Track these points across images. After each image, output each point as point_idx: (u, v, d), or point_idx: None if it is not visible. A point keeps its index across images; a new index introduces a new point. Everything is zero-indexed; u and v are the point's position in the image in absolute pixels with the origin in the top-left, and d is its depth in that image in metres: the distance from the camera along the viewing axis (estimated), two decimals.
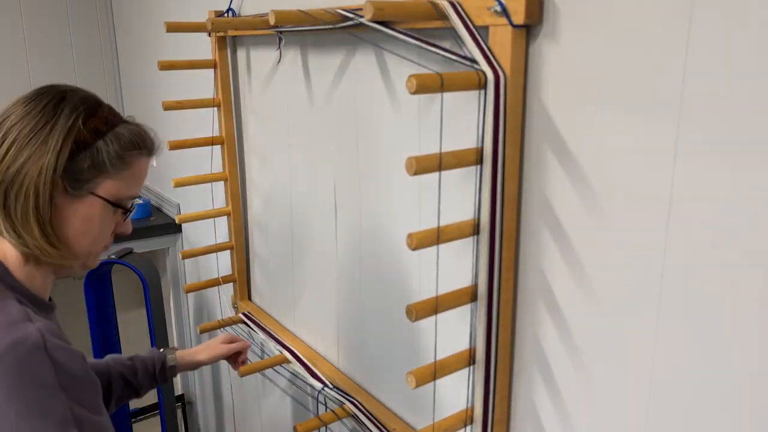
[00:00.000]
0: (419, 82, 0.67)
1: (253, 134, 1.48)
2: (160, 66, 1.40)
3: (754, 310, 0.58)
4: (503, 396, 0.84)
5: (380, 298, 1.11)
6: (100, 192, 0.83)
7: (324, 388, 1.24)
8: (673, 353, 0.65)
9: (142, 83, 2.26)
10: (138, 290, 2.07)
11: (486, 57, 0.73)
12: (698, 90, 0.59)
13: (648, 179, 0.64)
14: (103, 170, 0.83)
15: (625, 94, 0.65)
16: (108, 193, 0.84)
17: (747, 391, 0.60)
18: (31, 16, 2.33)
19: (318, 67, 1.17)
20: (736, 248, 0.58)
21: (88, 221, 0.83)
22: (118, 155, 0.83)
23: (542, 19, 0.72)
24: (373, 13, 0.74)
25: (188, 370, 1.23)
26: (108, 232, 0.87)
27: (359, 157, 1.10)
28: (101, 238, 0.86)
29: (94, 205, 0.83)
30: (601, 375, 0.74)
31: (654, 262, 0.65)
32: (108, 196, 0.84)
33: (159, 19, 1.93)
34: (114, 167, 0.83)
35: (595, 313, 0.73)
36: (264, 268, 1.55)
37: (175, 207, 2.10)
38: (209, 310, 1.98)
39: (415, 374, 0.77)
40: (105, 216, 0.85)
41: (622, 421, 0.72)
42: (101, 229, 0.85)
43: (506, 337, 0.82)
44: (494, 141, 0.72)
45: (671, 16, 0.60)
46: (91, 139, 0.82)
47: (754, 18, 0.54)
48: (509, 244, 0.78)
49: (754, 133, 0.56)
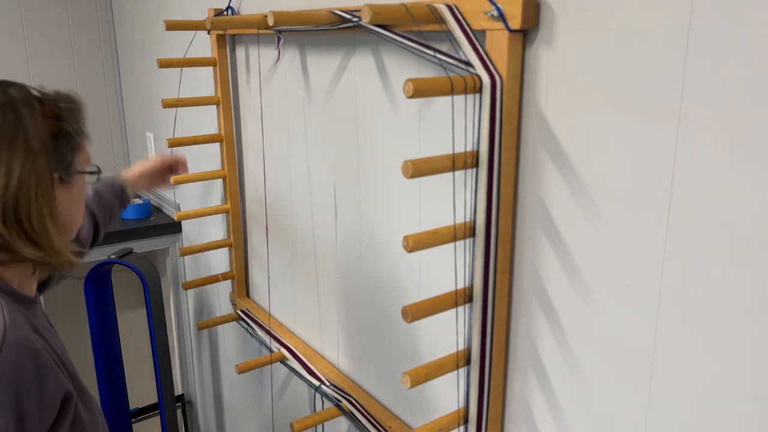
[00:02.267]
0: (416, 86, 0.67)
1: (252, 132, 1.48)
2: (160, 64, 1.41)
3: (755, 311, 0.58)
4: (498, 396, 0.85)
5: (378, 298, 1.12)
6: (80, 167, 0.84)
7: (321, 386, 1.25)
8: (673, 354, 0.66)
9: (141, 82, 2.26)
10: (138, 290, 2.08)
11: (483, 61, 0.73)
12: (698, 92, 0.59)
13: (647, 182, 0.65)
14: (77, 147, 0.83)
15: (622, 97, 0.66)
16: (85, 164, 0.85)
17: (747, 392, 0.60)
18: (31, 16, 2.34)
19: (317, 66, 1.18)
20: (736, 249, 0.59)
21: (79, 198, 0.85)
22: (79, 127, 0.83)
23: (539, 23, 0.72)
24: (371, 16, 0.75)
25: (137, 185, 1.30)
26: None
27: (358, 156, 1.11)
28: (84, 206, 0.88)
29: (81, 181, 0.85)
30: (596, 375, 0.74)
31: (653, 264, 0.66)
32: (86, 168, 0.85)
33: (159, 18, 1.94)
34: (81, 137, 0.84)
35: (591, 314, 0.73)
36: (263, 266, 1.55)
37: (175, 207, 2.11)
38: (209, 310, 1.99)
39: (410, 374, 0.77)
40: (84, 187, 0.86)
41: (618, 421, 0.73)
42: (84, 197, 0.87)
43: (501, 338, 0.83)
44: (490, 144, 0.73)
45: (670, 18, 0.60)
46: (56, 125, 0.80)
47: (754, 20, 0.54)
48: (504, 246, 0.79)
49: (753, 134, 0.56)
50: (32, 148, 0.76)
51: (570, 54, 0.70)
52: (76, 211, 0.85)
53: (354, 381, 1.23)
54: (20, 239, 0.76)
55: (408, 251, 0.72)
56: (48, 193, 0.77)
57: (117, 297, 2.13)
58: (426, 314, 0.77)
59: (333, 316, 1.27)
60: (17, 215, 0.75)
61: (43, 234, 0.77)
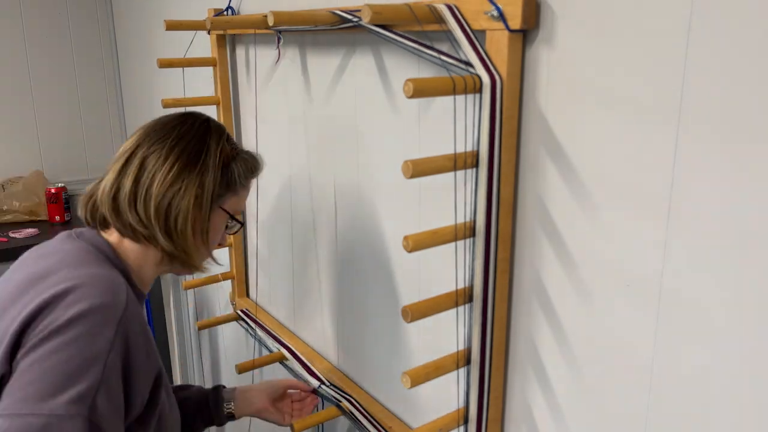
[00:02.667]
0: (416, 86, 0.67)
1: (252, 132, 1.48)
2: (160, 63, 1.41)
3: (755, 311, 0.59)
4: (497, 396, 0.85)
5: (378, 298, 1.12)
6: (226, 206, 0.96)
7: (321, 386, 1.25)
8: (673, 353, 0.66)
9: (141, 82, 2.26)
10: None
11: (483, 61, 0.73)
12: (698, 91, 0.59)
13: (647, 182, 0.65)
14: (232, 188, 0.96)
15: (622, 97, 0.66)
16: (231, 208, 0.97)
17: (747, 392, 0.60)
18: (31, 16, 2.33)
19: (317, 66, 1.18)
20: (736, 249, 0.59)
21: (215, 231, 0.96)
22: (245, 176, 0.97)
23: (539, 23, 0.72)
24: (371, 16, 0.75)
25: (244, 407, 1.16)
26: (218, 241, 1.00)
27: (358, 156, 1.11)
28: (215, 245, 0.99)
29: (221, 218, 0.96)
30: (596, 375, 0.74)
31: (653, 264, 0.66)
32: (231, 211, 0.97)
33: (159, 18, 1.94)
34: (241, 186, 0.97)
35: (591, 313, 0.73)
36: (263, 266, 1.56)
37: None
38: (209, 309, 1.99)
39: (410, 374, 0.77)
40: (221, 227, 0.98)
41: (618, 421, 0.73)
42: (217, 236, 0.98)
43: (501, 338, 0.83)
44: (490, 144, 0.73)
45: (670, 18, 0.60)
46: (229, 162, 0.95)
47: (755, 18, 0.54)
48: (504, 246, 0.79)
49: (753, 134, 0.56)
50: (207, 167, 0.91)
51: (570, 54, 0.70)
52: (211, 241, 0.96)
53: (354, 381, 1.23)
54: (160, 229, 0.90)
55: (408, 251, 0.72)
56: (199, 204, 0.91)
57: None
58: (426, 314, 0.77)
59: (333, 315, 1.27)
60: (168, 212, 0.89)
61: (181, 233, 0.90)
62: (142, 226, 0.90)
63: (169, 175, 0.89)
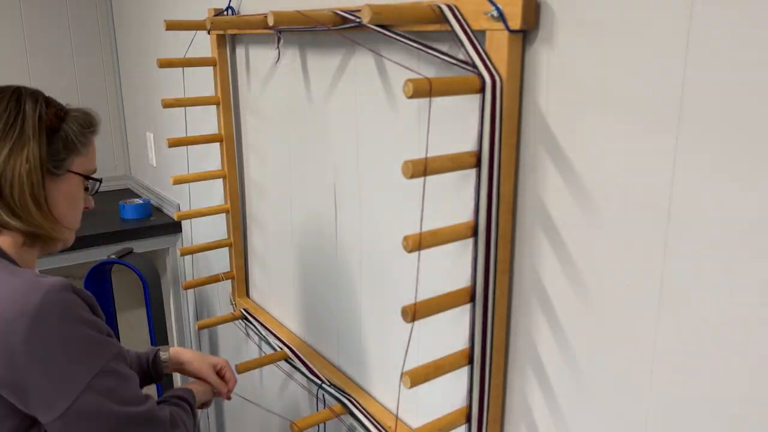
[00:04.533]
0: (415, 86, 0.67)
1: (252, 132, 1.48)
2: (160, 63, 1.41)
3: (755, 311, 0.59)
4: (497, 395, 0.85)
5: (378, 297, 1.12)
6: (75, 169, 0.94)
7: (322, 386, 1.25)
8: (673, 354, 0.66)
9: (141, 82, 2.27)
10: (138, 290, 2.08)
11: (483, 61, 0.73)
12: (698, 93, 0.59)
13: (647, 182, 0.65)
14: (73, 149, 0.93)
15: (622, 97, 0.66)
16: (81, 169, 0.95)
17: (747, 392, 0.60)
18: (31, 16, 2.33)
19: (317, 66, 1.18)
20: (736, 249, 0.59)
21: (71, 197, 0.94)
22: (82, 133, 0.94)
23: (539, 24, 0.72)
24: (371, 16, 0.75)
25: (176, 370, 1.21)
26: (82, 206, 0.98)
27: (359, 156, 1.11)
28: (80, 211, 0.97)
29: (74, 182, 0.94)
30: (595, 375, 0.74)
31: (653, 264, 0.66)
32: (82, 172, 0.95)
33: (159, 18, 1.94)
34: (82, 145, 0.94)
35: (590, 313, 0.74)
36: (263, 266, 1.56)
37: (175, 207, 2.11)
38: (209, 309, 1.99)
39: (410, 374, 0.77)
40: (79, 191, 0.96)
41: (618, 421, 0.73)
42: (78, 203, 0.96)
43: (501, 338, 0.83)
44: (490, 144, 0.73)
45: (670, 18, 0.60)
46: (57, 124, 0.91)
47: (754, 20, 0.54)
48: (504, 246, 0.79)
49: (754, 134, 0.56)
50: (25, 132, 0.88)
51: (570, 54, 0.70)
52: (67, 210, 0.94)
53: (354, 381, 1.23)
54: (4, 211, 0.87)
55: (408, 251, 0.72)
56: (34, 175, 0.88)
57: (117, 297, 2.13)
58: (426, 314, 0.77)
59: (333, 315, 1.27)
60: (1, 190, 0.87)
61: (23, 209, 0.88)
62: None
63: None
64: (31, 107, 0.90)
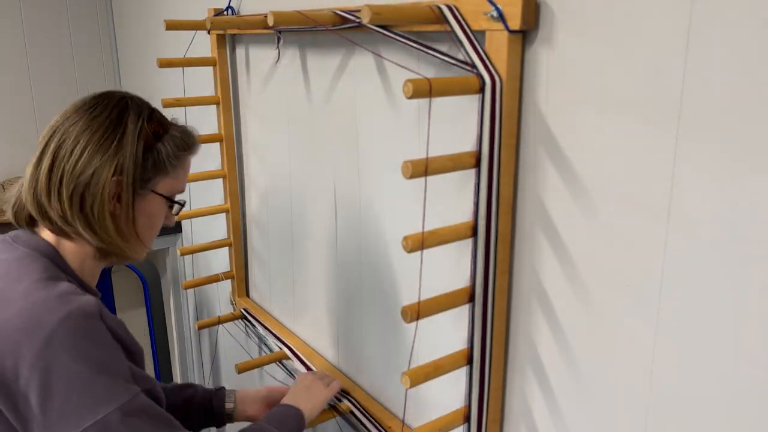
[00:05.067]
0: (415, 86, 0.67)
1: (251, 132, 1.48)
2: (160, 63, 1.41)
3: (755, 311, 0.59)
4: (497, 396, 0.85)
5: (378, 298, 1.12)
6: (160, 190, 0.90)
7: None
8: (673, 354, 0.66)
9: (141, 82, 2.26)
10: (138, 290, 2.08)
11: (482, 61, 0.73)
12: (698, 92, 0.59)
13: (647, 182, 0.65)
14: (162, 170, 0.89)
15: (622, 97, 0.66)
16: (166, 191, 0.91)
17: (747, 392, 0.60)
18: (31, 16, 2.33)
19: (317, 66, 1.18)
20: (736, 249, 0.59)
21: (151, 216, 0.91)
22: (174, 155, 0.90)
23: (538, 24, 0.72)
24: (371, 17, 0.75)
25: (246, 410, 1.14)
26: (160, 225, 0.94)
27: (359, 156, 1.11)
28: (157, 230, 0.94)
29: (155, 202, 0.90)
30: (595, 375, 0.74)
31: (653, 264, 0.66)
32: (166, 193, 0.91)
33: (159, 18, 1.94)
34: (172, 167, 0.90)
35: (590, 314, 0.74)
36: (262, 266, 1.56)
37: None
38: (209, 309, 1.99)
39: (410, 374, 0.77)
40: (161, 211, 0.92)
41: (618, 421, 0.73)
42: (159, 222, 0.93)
43: (501, 338, 0.83)
44: (490, 145, 0.73)
45: (670, 18, 0.60)
46: (153, 142, 0.88)
47: (755, 20, 0.54)
48: (504, 246, 0.79)
49: (754, 134, 0.56)
50: (123, 146, 0.84)
51: (570, 54, 0.70)
52: (144, 230, 0.91)
53: (354, 381, 1.23)
54: (80, 222, 0.84)
55: (407, 251, 0.72)
56: (117, 191, 0.84)
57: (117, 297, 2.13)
58: (426, 314, 0.77)
59: (333, 315, 1.27)
60: (83, 200, 0.83)
61: (100, 224, 0.84)
62: (64, 222, 0.84)
63: (79, 162, 0.82)
64: (134, 120, 0.86)
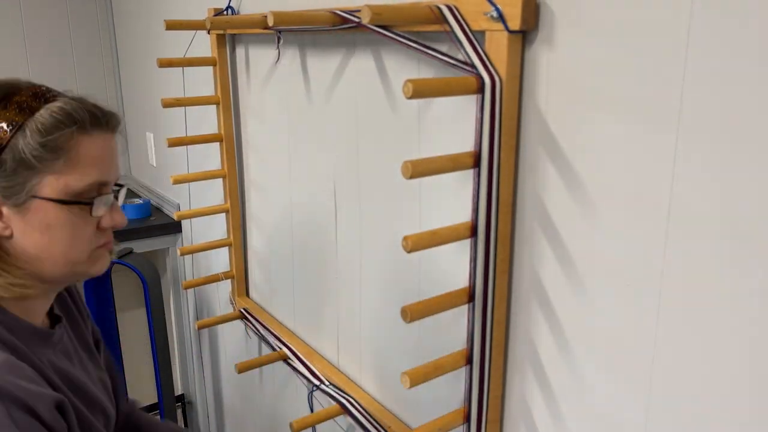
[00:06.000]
0: (415, 87, 0.67)
1: (251, 132, 1.48)
2: (160, 63, 1.41)
3: (755, 311, 0.59)
4: (497, 396, 0.85)
5: (377, 298, 1.12)
6: (45, 193, 0.69)
7: (321, 386, 1.25)
8: (673, 354, 0.66)
9: (141, 81, 2.27)
10: (138, 290, 2.08)
11: (482, 62, 0.73)
12: (698, 92, 0.59)
13: (647, 182, 0.65)
14: (32, 167, 0.68)
15: (622, 97, 0.66)
16: (55, 192, 0.70)
17: (747, 392, 0.60)
18: (31, 16, 2.34)
19: (317, 66, 1.18)
20: (736, 249, 0.59)
21: (46, 229, 0.70)
22: (41, 145, 0.68)
23: (538, 24, 0.73)
24: (371, 17, 0.75)
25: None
26: (86, 232, 0.73)
27: (358, 156, 1.11)
28: (78, 241, 0.72)
29: (44, 210, 0.70)
30: (595, 375, 0.74)
31: (653, 264, 0.66)
32: (56, 195, 0.70)
33: (159, 18, 1.94)
34: (43, 160, 0.69)
35: (590, 314, 0.74)
36: (262, 265, 1.56)
37: (175, 207, 2.11)
38: (209, 309, 1.99)
39: (410, 374, 0.77)
40: (67, 217, 0.71)
41: (618, 421, 0.73)
42: (71, 231, 0.71)
43: (500, 338, 0.83)
44: (490, 145, 0.73)
45: (670, 19, 0.60)
46: (3, 137, 0.68)
47: (755, 21, 0.54)
48: (504, 246, 0.79)
49: (754, 134, 0.56)
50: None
51: (570, 55, 0.70)
52: (41, 243, 0.71)
53: (354, 381, 1.23)
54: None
55: (407, 251, 0.72)
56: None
57: (117, 297, 2.13)
58: (425, 314, 0.77)
59: (333, 315, 1.27)
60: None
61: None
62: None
63: None
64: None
